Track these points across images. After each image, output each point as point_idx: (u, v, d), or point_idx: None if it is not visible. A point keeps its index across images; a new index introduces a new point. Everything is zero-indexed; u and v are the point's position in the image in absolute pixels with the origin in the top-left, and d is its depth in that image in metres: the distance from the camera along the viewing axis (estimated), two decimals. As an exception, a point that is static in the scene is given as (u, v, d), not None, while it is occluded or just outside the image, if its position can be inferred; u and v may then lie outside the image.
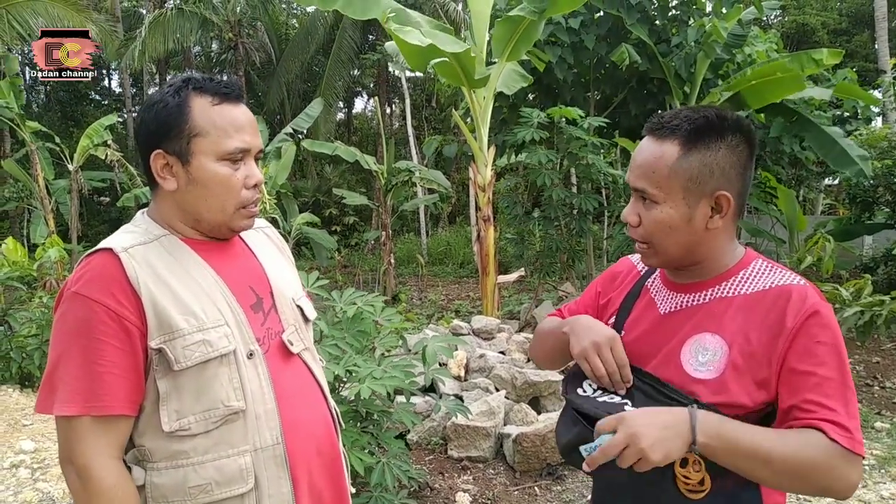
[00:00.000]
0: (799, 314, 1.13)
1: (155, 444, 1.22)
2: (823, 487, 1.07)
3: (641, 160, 1.20)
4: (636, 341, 1.29)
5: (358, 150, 10.56)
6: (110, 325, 1.17)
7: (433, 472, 3.98)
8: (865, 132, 10.73)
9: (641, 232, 1.23)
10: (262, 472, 1.25)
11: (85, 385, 1.16)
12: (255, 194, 1.32)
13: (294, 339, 1.38)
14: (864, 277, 5.71)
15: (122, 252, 1.21)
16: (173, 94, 1.25)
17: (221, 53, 21.51)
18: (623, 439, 1.04)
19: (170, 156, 1.25)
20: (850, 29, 20.64)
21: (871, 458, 4.26)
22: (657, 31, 9.05)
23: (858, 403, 5.28)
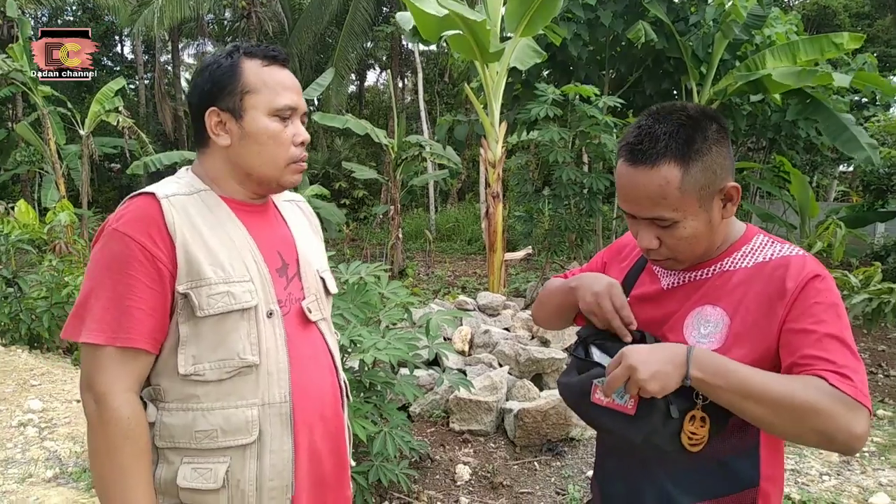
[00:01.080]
0: (798, 278, 1.14)
1: (170, 384, 1.27)
2: (824, 434, 1.02)
3: (644, 192, 1.16)
4: (640, 315, 1.30)
5: (369, 124, 10.49)
6: (144, 263, 1.22)
7: (434, 444, 4.02)
8: (883, 118, 10.58)
9: (664, 252, 1.22)
10: (267, 427, 1.29)
11: (113, 317, 1.21)
12: (303, 152, 1.38)
13: (313, 307, 1.42)
14: (875, 265, 5.67)
15: (164, 198, 1.26)
16: (226, 56, 1.34)
17: (234, 22, 21.37)
18: (623, 372, 1.08)
19: (223, 113, 1.31)
20: (873, 13, 20.24)
21: (872, 445, 4.27)
22: (675, 9, 8.91)
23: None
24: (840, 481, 3.75)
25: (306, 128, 1.41)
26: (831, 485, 3.70)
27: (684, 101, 1.27)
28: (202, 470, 1.26)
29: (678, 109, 1.18)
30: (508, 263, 8.20)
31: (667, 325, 1.25)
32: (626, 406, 1.13)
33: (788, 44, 8.78)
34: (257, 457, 1.28)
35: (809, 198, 9.66)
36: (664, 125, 1.15)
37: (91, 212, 13.31)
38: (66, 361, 5.61)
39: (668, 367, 1.07)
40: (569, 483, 3.63)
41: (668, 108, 1.19)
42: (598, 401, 1.17)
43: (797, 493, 3.53)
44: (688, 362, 1.08)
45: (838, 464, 3.98)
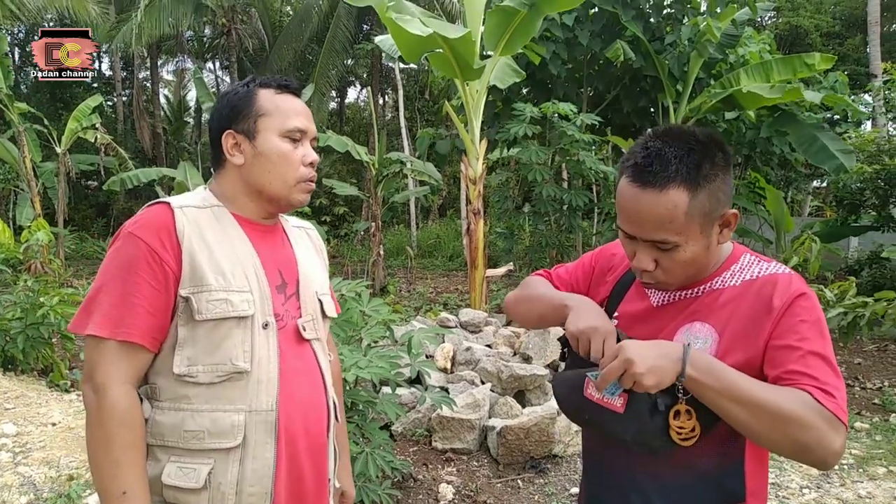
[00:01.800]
0: (785, 296, 1.16)
1: (164, 383, 1.33)
2: (803, 445, 1.05)
3: (652, 215, 1.15)
4: (628, 331, 1.31)
5: (350, 140, 10.50)
6: (151, 264, 1.31)
7: (417, 463, 4.00)
8: (855, 136, 10.81)
9: (659, 275, 1.22)
10: (252, 434, 1.33)
11: (118, 312, 1.28)
12: (312, 172, 1.47)
13: (308, 326, 1.48)
14: (849, 279, 5.77)
15: (178, 208, 1.37)
16: (243, 86, 1.47)
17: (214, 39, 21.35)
18: (620, 364, 1.09)
19: (239, 135, 1.42)
20: (843, 32, 20.73)
21: (850, 458, 4.31)
22: (651, 29, 9.07)
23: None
24: (820, 494, 3.79)
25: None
26: (811, 498, 3.73)
27: (690, 126, 1.28)
28: (187, 469, 1.30)
29: (688, 133, 1.18)
30: (490, 280, 8.22)
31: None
32: (616, 404, 1.16)
33: (762, 63, 8.99)
34: (240, 461, 1.32)
35: (784, 213, 9.83)
36: (674, 148, 1.15)
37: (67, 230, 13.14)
38: (41, 384, 5.50)
39: (665, 363, 1.09)
40: (552, 500, 3.63)
41: (676, 132, 1.19)
42: (589, 396, 1.20)
43: (778, 508, 3.56)
44: (684, 360, 1.10)
45: (818, 477, 4.02)
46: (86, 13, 12.59)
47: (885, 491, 3.82)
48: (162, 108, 23.61)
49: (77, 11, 12.57)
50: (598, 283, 1.46)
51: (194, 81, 13.55)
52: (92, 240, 16.53)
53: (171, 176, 11.57)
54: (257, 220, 1.47)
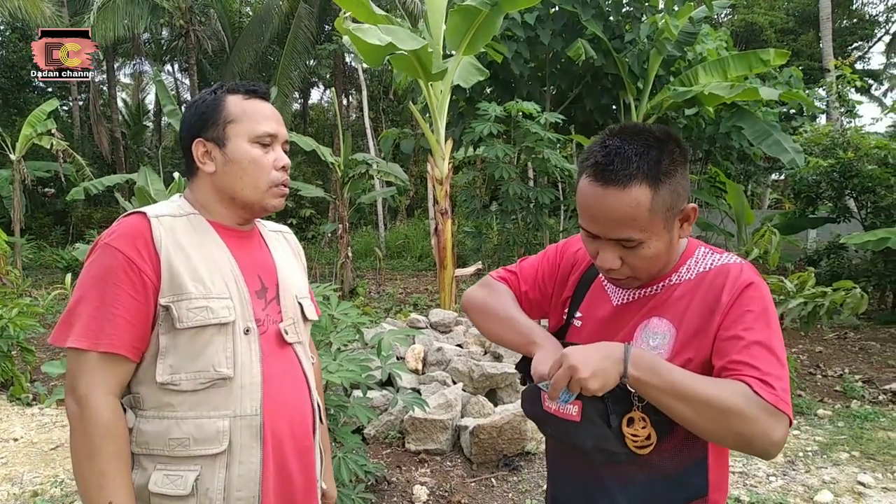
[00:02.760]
0: (733, 289, 1.18)
1: (147, 392, 1.34)
2: (743, 437, 1.07)
3: (615, 214, 1.15)
4: (592, 332, 1.33)
5: (314, 141, 10.41)
6: (129, 275, 1.31)
7: (390, 465, 3.98)
8: (810, 129, 11.09)
9: (626, 271, 1.23)
10: (237, 438, 1.34)
11: (98, 324, 1.28)
12: (285, 176, 1.47)
13: (290, 330, 1.49)
14: (808, 270, 5.91)
15: (154, 217, 1.36)
16: (210, 93, 1.47)
17: (172, 41, 20.97)
18: (565, 372, 1.11)
19: (209, 142, 1.42)
20: (797, 28, 21.28)
21: (814, 444, 4.43)
22: (611, 27, 9.19)
23: (802, 392, 5.49)
24: (786, 481, 3.88)
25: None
26: (778, 485, 3.82)
27: (644, 122, 1.29)
28: (173, 476, 1.31)
29: (644, 130, 1.18)
30: (459, 279, 8.23)
31: (617, 339, 1.28)
32: (572, 413, 1.17)
33: (719, 60, 9.17)
34: (226, 466, 1.33)
35: (745, 206, 10.04)
36: (633, 146, 1.14)
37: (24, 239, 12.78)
38: (2, 398, 5.34)
39: (607, 364, 1.11)
40: (526, 498, 3.65)
41: (633, 129, 1.19)
42: (547, 408, 1.22)
43: (746, 495, 3.63)
44: (625, 360, 1.11)
45: (784, 464, 4.12)
46: (39, 14, 12.25)
47: (847, 476, 3.93)
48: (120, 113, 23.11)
49: (30, 12, 12.22)
50: (562, 282, 1.46)
51: (155, 84, 13.29)
52: (51, 248, 16.06)
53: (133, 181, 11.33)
54: (233, 226, 1.48)
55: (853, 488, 3.76)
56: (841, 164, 9.11)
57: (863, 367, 6.42)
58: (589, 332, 1.34)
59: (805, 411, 5.11)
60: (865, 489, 3.74)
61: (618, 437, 1.17)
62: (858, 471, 3.98)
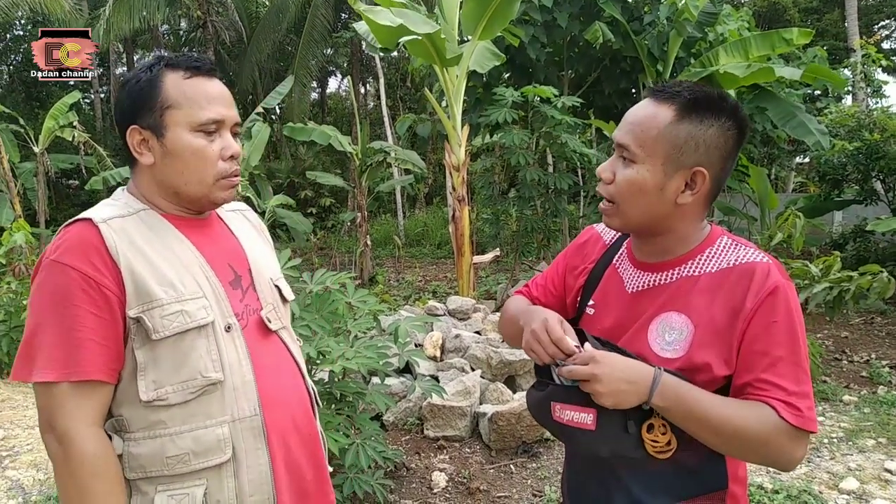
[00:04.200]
0: (758, 294, 1.14)
1: (132, 413, 1.23)
2: (767, 460, 1.13)
3: (633, 117, 1.20)
4: (605, 319, 1.30)
5: (336, 130, 10.39)
6: (88, 292, 1.18)
7: (409, 452, 3.99)
8: (835, 110, 10.86)
9: (612, 189, 1.22)
10: (240, 443, 1.27)
11: (63, 352, 1.17)
12: (234, 166, 1.33)
13: (272, 317, 1.40)
14: (834, 254, 5.79)
15: (102, 223, 1.22)
16: (146, 70, 1.28)
17: (190, 32, 21.06)
18: (587, 374, 1.10)
19: (145, 130, 1.27)
20: (821, 7, 20.80)
21: (840, 431, 4.36)
22: (630, 9, 9.04)
23: (827, 378, 5.40)
24: (811, 468, 3.82)
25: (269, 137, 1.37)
26: (802, 472, 3.76)
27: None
28: (179, 496, 1.22)
29: (720, 91, 1.20)
30: (477, 266, 8.22)
31: (632, 330, 1.25)
32: (586, 422, 1.14)
33: (741, 40, 8.98)
34: (234, 475, 1.26)
35: (768, 190, 9.86)
36: (695, 85, 1.18)
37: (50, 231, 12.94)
38: (27, 387, 5.44)
39: (630, 389, 1.10)
40: (545, 484, 3.63)
41: (711, 88, 1.21)
42: (558, 419, 1.18)
43: (769, 483, 3.59)
44: (651, 391, 1.10)
45: (808, 451, 4.05)
46: (59, 8, 12.34)
47: (874, 463, 3.86)
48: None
49: (49, 7, 12.33)
50: (573, 276, 1.44)
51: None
52: (75, 240, 16.25)
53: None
54: (189, 215, 1.36)
55: (879, 476, 3.69)
56: (867, 145, 8.91)
57: (890, 352, 6.30)
58: (602, 320, 1.30)
59: (830, 397, 5.02)
60: (892, 476, 3.67)
61: (637, 443, 1.14)
62: (885, 458, 3.91)
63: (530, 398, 1.28)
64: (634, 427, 1.13)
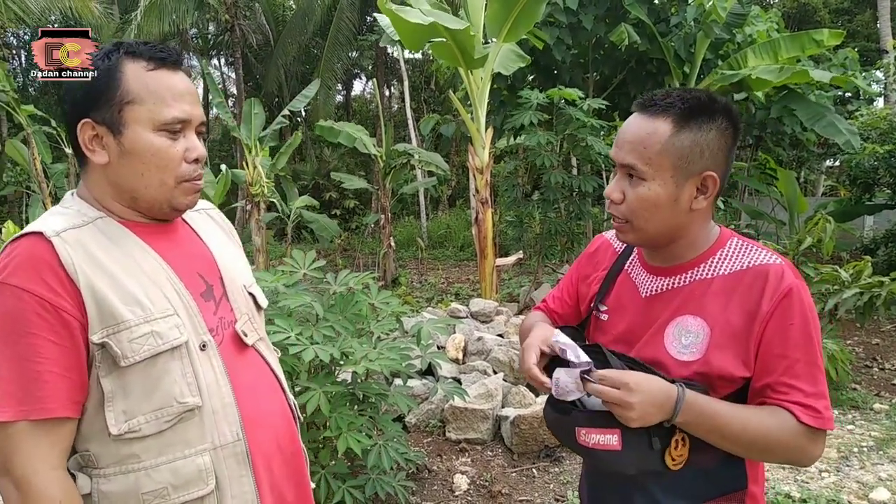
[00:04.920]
0: (774, 297, 1.15)
1: (101, 448, 1.10)
2: (788, 461, 1.19)
3: (631, 136, 1.19)
4: (619, 324, 1.31)
5: (363, 130, 10.44)
6: (45, 317, 1.04)
7: (431, 454, 3.99)
8: (867, 113, 10.65)
9: (623, 209, 1.22)
10: (223, 472, 1.16)
11: (19, 386, 1.03)
12: (198, 169, 1.20)
13: (248, 329, 1.29)
14: (865, 259, 5.67)
15: (54, 236, 1.08)
16: (103, 57, 1.15)
17: (218, 35, 21.35)
18: (616, 399, 1.10)
19: (99, 125, 1.13)
20: (852, 8, 20.42)
21: (870, 440, 4.27)
22: (656, 11, 8.96)
23: (857, 386, 5.30)
24: (840, 477, 3.75)
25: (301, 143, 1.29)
26: (831, 481, 3.69)
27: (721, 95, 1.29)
28: None
29: (708, 92, 1.20)
30: (500, 269, 8.19)
31: (647, 335, 1.25)
32: (612, 444, 1.15)
33: (769, 41, 8.85)
34: None
35: (797, 194, 9.71)
36: (683, 92, 1.18)
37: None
38: None
39: (656, 412, 1.11)
40: (568, 489, 3.61)
41: (698, 89, 1.22)
42: (584, 443, 1.18)
43: (797, 491, 3.52)
44: (675, 411, 1.11)
45: (837, 460, 3.98)
46: (89, 13, 12.59)
47: (905, 472, 3.78)
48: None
49: (80, 12, 12.58)
50: (586, 284, 1.45)
51: (205, 77, 13.56)
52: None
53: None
54: (149, 221, 1.21)
55: (911, 485, 3.61)
56: (900, 148, 8.72)
57: (923, 359, 6.16)
58: (617, 325, 1.31)
59: (861, 405, 4.92)
60: (925, 487, 3.58)
61: (661, 459, 1.15)
62: (917, 467, 3.82)
63: (550, 418, 1.27)
64: (659, 444, 1.14)
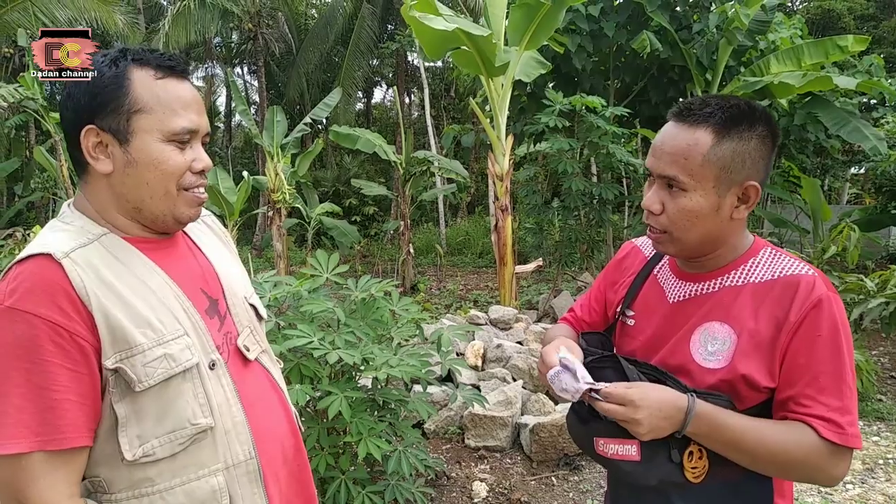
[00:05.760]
0: (803, 307, 1.13)
1: (113, 473, 1.08)
2: (807, 479, 1.13)
3: (672, 147, 1.16)
4: (646, 329, 1.30)
5: (381, 138, 10.51)
6: (60, 343, 1.01)
7: (450, 461, 3.99)
8: (892, 120, 10.50)
9: (663, 220, 1.20)
10: (237, 491, 1.16)
11: (34, 416, 1.00)
12: (202, 179, 1.18)
13: (250, 343, 1.28)
14: (891, 268, 5.59)
15: (64, 258, 1.04)
16: (109, 64, 1.11)
17: (241, 44, 21.61)
18: (621, 416, 1.10)
19: (104, 133, 1.10)
20: (878, 14, 20.15)
21: (895, 452, 4.19)
22: (678, 18, 8.92)
23: (883, 396, 5.21)
24: (865, 489, 3.69)
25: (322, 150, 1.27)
26: (856, 493, 3.63)
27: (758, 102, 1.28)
28: None
29: (744, 100, 1.19)
30: (519, 276, 8.18)
31: (673, 340, 1.24)
32: (631, 454, 1.15)
33: (793, 48, 8.77)
34: None
35: (821, 201, 9.58)
36: (721, 100, 1.16)
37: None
38: None
39: (666, 424, 1.10)
40: (587, 498, 3.59)
41: (735, 97, 1.20)
42: (602, 453, 1.18)
43: (821, 503, 3.47)
44: (685, 422, 1.10)
45: (862, 472, 3.91)
46: (113, 23, 12.83)
47: (932, 485, 3.71)
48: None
49: (105, 23, 12.83)
50: (614, 290, 1.45)
51: (229, 85, 13.73)
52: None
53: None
54: (152, 236, 1.19)
55: (939, 499, 3.54)
56: (927, 156, 8.59)
57: (951, 371, 6.04)
58: (644, 330, 1.30)
59: (886, 417, 4.84)
60: (953, 501, 3.51)
61: (680, 470, 1.14)
62: (946, 481, 3.75)
63: (572, 427, 1.28)
64: (678, 455, 1.14)
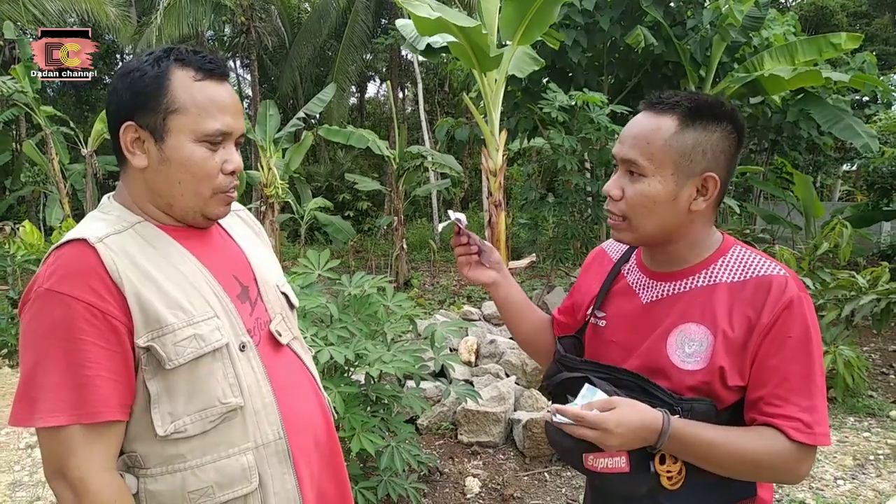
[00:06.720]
0: (775, 309, 1.14)
1: (148, 448, 1.14)
2: (775, 479, 1.16)
3: (636, 131, 1.19)
4: (619, 331, 1.29)
5: (374, 134, 10.47)
6: (94, 323, 1.07)
7: (443, 456, 3.99)
8: (885, 117, 10.55)
9: (622, 206, 1.21)
10: (266, 470, 1.20)
11: (71, 392, 1.06)
12: (233, 181, 1.23)
13: (282, 328, 1.33)
14: (882, 265, 5.61)
15: (98, 243, 1.11)
16: (153, 63, 1.15)
17: (234, 38, 21.49)
18: (595, 440, 1.11)
19: (142, 130, 1.15)
20: (871, 11, 20.23)
21: (886, 448, 4.22)
22: (672, 13, 8.92)
23: (873, 393, 5.24)
24: (855, 485, 3.71)
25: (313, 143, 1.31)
26: (846, 489, 3.65)
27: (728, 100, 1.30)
28: None
29: (715, 97, 1.21)
30: (513, 271, 8.18)
31: (649, 341, 1.24)
32: (621, 466, 1.15)
33: (786, 45, 8.79)
34: (262, 503, 1.20)
35: (813, 198, 9.63)
36: (693, 94, 1.19)
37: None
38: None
39: (638, 439, 1.11)
40: (580, 493, 3.60)
41: (707, 94, 1.22)
42: (591, 468, 1.18)
43: (812, 499, 3.49)
44: (657, 443, 1.11)
45: (853, 468, 3.94)
46: (104, 15, 12.74)
47: (922, 480, 3.73)
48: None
49: (97, 15, 12.74)
50: (581, 297, 1.46)
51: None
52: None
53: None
54: (184, 226, 1.24)
55: (929, 495, 3.56)
56: (919, 153, 8.63)
57: (941, 367, 6.08)
58: (616, 332, 1.30)
59: (877, 413, 4.87)
60: (943, 496, 3.54)
61: (654, 478, 1.16)
62: (935, 476, 3.78)
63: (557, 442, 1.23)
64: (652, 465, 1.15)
